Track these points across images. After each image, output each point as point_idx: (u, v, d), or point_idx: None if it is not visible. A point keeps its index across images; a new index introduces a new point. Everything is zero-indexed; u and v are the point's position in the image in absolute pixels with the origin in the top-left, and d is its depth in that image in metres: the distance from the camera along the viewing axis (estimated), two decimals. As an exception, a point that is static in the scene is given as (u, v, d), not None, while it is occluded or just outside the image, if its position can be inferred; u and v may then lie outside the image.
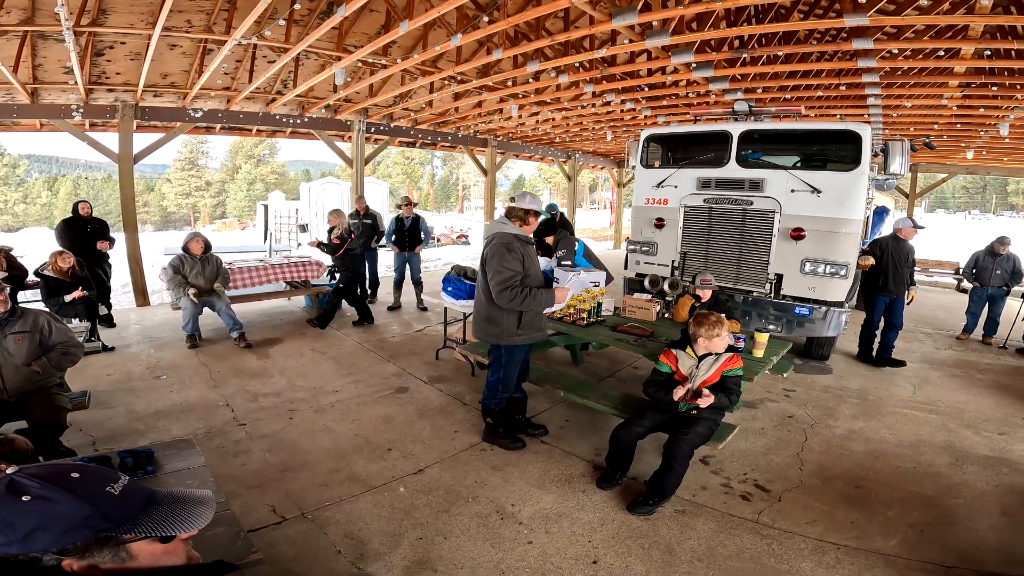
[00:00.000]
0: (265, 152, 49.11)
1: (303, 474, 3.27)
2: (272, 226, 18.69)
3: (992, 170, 13.26)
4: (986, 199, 56.54)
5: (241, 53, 7.04)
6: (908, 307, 5.86)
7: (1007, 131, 7.40)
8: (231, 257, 8.02)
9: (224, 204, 47.67)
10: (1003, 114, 6.95)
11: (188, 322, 5.63)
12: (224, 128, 9.99)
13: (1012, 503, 3.15)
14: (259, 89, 7.94)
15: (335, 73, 6.28)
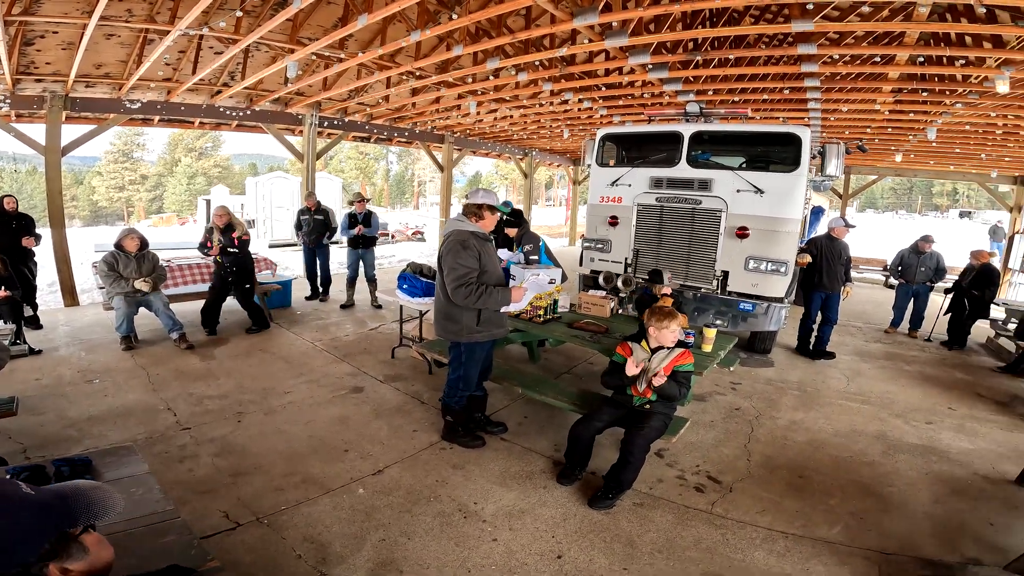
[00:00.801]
0: (208, 145, 46.80)
1: (256, 478, 3.16)
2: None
3: (919, 172, 14.25)
4: (912, 200, 60.67)
5: (185, 44, 6.68)
6: (842, 302, 6.23)
7: (934, 135, 7.94)
8: (169, 254, 7.62)
9: (161, 199, 45.14)
10: (932, 119, 7.44)
11: (122, 323, 5.29)
12: (164, 120, 9.45)
13: (942, 491, 3.35)
14: (204, 81, 7.56)
15: (287, 66, 6.06)
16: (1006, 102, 6.37)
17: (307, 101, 9.06)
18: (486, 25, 5.67)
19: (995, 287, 6.86)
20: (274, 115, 9.46)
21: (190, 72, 7.12)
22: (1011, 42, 4.57)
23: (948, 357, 6.54)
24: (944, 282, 7.55)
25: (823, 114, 7.86)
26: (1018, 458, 3.80)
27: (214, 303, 5.95)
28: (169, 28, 5.40)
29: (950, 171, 13.37)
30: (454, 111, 9.93)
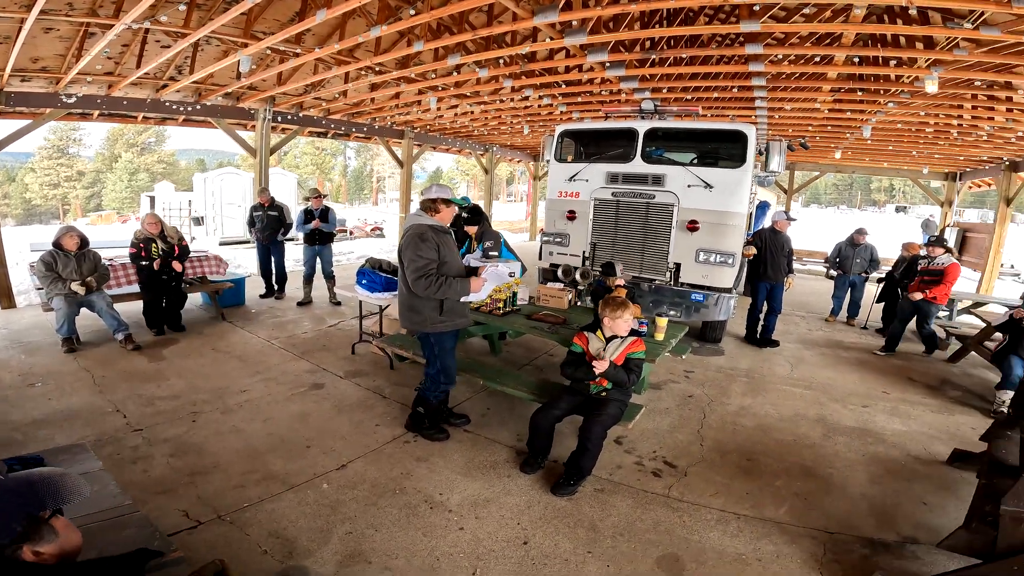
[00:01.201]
0: (151, 140, 44.58)
1: (215, 476, 3.11)
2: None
3: (857, 169, 15.07)
4: (853, 195, 64.01)
5: (130, 37, 6.36)
6: (787, 292, 6.56)
7: (869, 133, 8.44)
8: (112, 252, 7.28)
9: (100, 196, 42.74)
10: (867, 117, 7.89)
11: (63, 324, 5.04)
12: (104, 115, 8.98)
13: (878, 471, 3.54)
14: (148, 75, 7.23)
15: (240, 60, 5.85)
16: (936, 102, 6.81)
17: (260, 96, 8.78)
18: (448, 21, 5.65)
19: None
20: (225, 110, 9.13)
21: (134, 66, 6.79)
22: (941, 43, 4.84)
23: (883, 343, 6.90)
24: (878, 272, 8.03)
25: (769, 112, 8.20)
26: (949, 439, 4.04)
27: (155, 303, 5.73)
28: (113, 22, 5.16)
29: (884, 167, 14.21)
30: (414, 107, 9.83)
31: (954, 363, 6.16)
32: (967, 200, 34.14)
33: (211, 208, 16.56)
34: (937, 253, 6.23)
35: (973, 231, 12.13)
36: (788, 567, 2.54)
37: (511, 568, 2.46)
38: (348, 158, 57.08)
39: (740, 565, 2.54)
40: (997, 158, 10.62)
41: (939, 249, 6.24)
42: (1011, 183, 10.63)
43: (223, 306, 6.57)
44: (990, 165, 11.34)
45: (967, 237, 12.11)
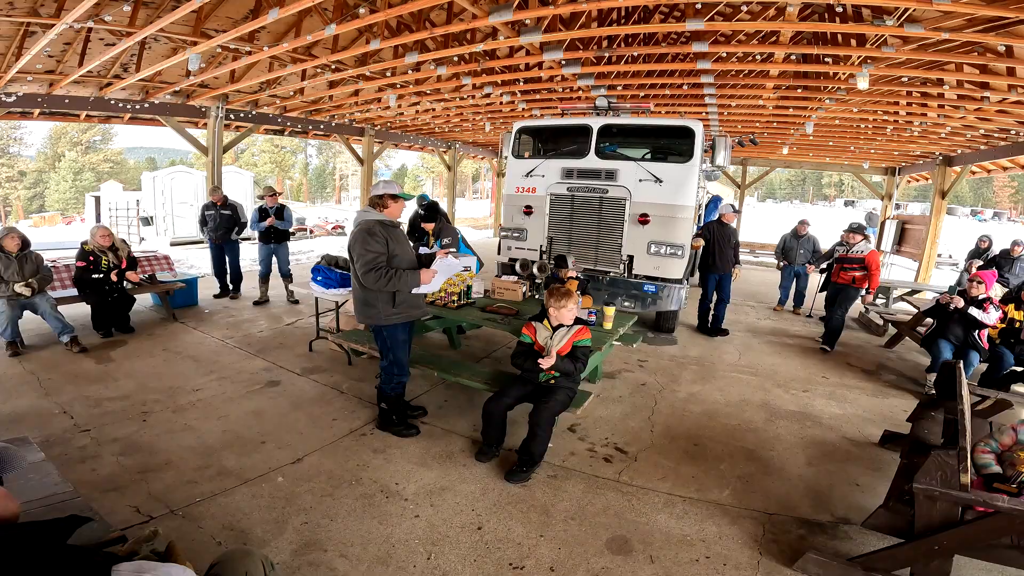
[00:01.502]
0: (96, 139, 42.57)
1: (167, 473, 3.08)
2: (107, 220, 16.47)
3: (803, 164, 15.74)
4: (805, 190, 66.51)
5: (72, 35, 6.16)
6: (737, 283, 6.83)
7: (812, 129, 8.82)
8: (55, 254, 7.01)
9: (43, 196, 40.58)
10: (809, 114, 8.26)
11: (6, 327, 4.84)
12: (45, 114, 8.61)
13: (814, 454, 3.68)
14: (92, 72, 6.98)
15: (189, 58, 5.72)
16: (873, 99, 7.19)
17: (212, 93, 8.57)
18: (408, 19, 5.66)
19: None
20: (174, 107, 8.88)
21: (76, 64, 6.56)
22: (871, 40, 5.07)
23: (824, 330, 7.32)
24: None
25: (719, 109, 8.50)
26: (882, 421, 4.23)
27: (101, 305, 5.55)
28: (54, 21, 5.01)
29: (827, 163, 14.88)
30: (374, 104, 9.76)
31: (890, 348, 6.53)
32: (911, 194, 36.07)
33: (161, 208, 15.98)
34: (855, 241, 6.25)
35: (911, 223, 12.82)
36: (729, 547, 2.65)
37: (465, 552, 2.52)
38: (309, 156, 55.86)
39: (685, 546, 2.65)
40: (930, 153, 11.27)
41: (857, 236, 6.27)
42: (945, 177, 11.30)
43: (175, 307, 6.41)
44: (925, 160, 12.03)
45: (906, 229, 12.79)
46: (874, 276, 6.11)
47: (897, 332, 6.47)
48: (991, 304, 4.83)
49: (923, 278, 11.31)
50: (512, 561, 2.48)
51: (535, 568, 2.44)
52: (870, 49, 5.03)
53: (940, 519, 2.28)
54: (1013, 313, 4.96)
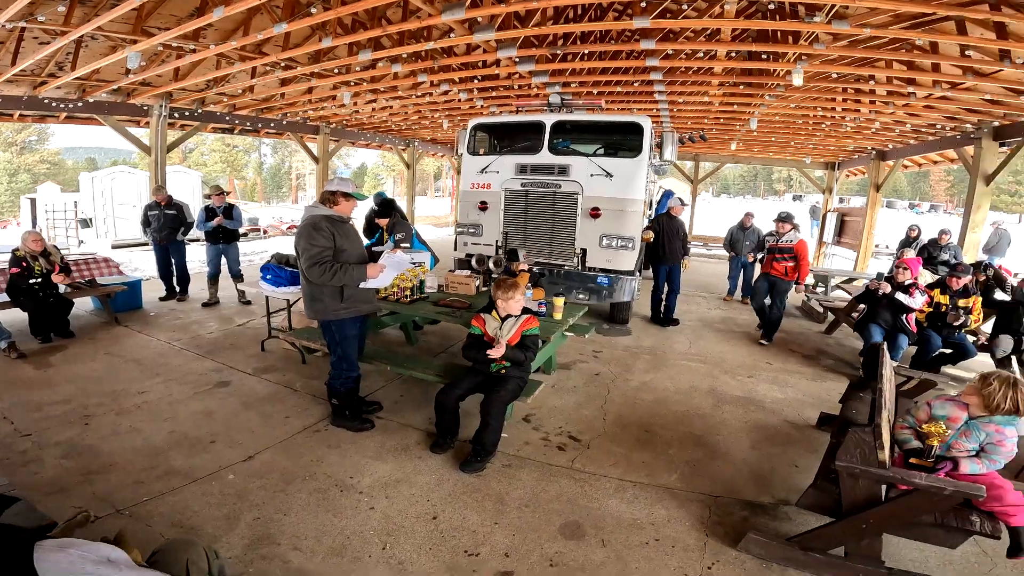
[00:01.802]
0: (32, 139, 40.08)
1: (112, 475, 3.00)
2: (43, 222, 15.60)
3: (751, 160, 16.35)
4: (757, 185, 69.01)
5: (5, 34, 5.85)
6: (688, 274, 7.06)
7: (756, 125, 9.18)
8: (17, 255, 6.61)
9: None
10: (753, 110, 8.58)
11: (-63, 335, 4.58)
12: (-25, 114, 8.11)
13: (758, 437, 3.82)
14: (25, 71, 6.62)
15: (128, 57, 5.51)
16: (811, 95, 7.54)
17: (155, 92, 8.25)
18: (363, 16, 5.60)
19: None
20: (113, 106, 8.51)
21: (8, 63, 6.24)
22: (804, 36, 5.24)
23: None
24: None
25: (669, 106, 8.74)
26: (819, 404, 4.40)
27: (38, 311, 5.30)
28: None
29: (772, 158, 15.52)
30: (328, 102, 9.58)
31: (829, 334, 6.89)
32: (853, 188, 37.94)
33: (101, 209, 15.21)
34: (784, 230, 6.21)
35: (850, 215, 13.56)
36: (678, 530, 2.74)
37: (421, 541, 2.56)
38: (264, 155, 54.08)
39: (635, 529, 2.73)
40: (864, 148, 11.92)
41: (786, 226, 6.22)
42: (879, 171, 12.00)
43: (118, 311, 6.15)
44: (860, 155, 12.71)
45: (845, 221, 13.52)
46: (803, 266, 6.07)
47: (835, 319, 6.84)
48: (916, 289, 5.15)
49: (861, 267, 11.97)
50: (467, 548, 2.53)
51: (490, 555, 2.50)
52: (804, 46, 5.24)
53: (864, 497, 2.34)
54: (939, 298, 5.27)
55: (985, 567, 2.56)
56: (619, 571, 2.44)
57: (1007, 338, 5.36)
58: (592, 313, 7.01)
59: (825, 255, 14.39)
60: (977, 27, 4.78)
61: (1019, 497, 2.36)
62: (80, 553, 1.19)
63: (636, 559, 2.52)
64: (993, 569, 2.55)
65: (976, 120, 7.68)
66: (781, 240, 6.20)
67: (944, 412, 2.57)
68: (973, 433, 2.47)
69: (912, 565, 2.50)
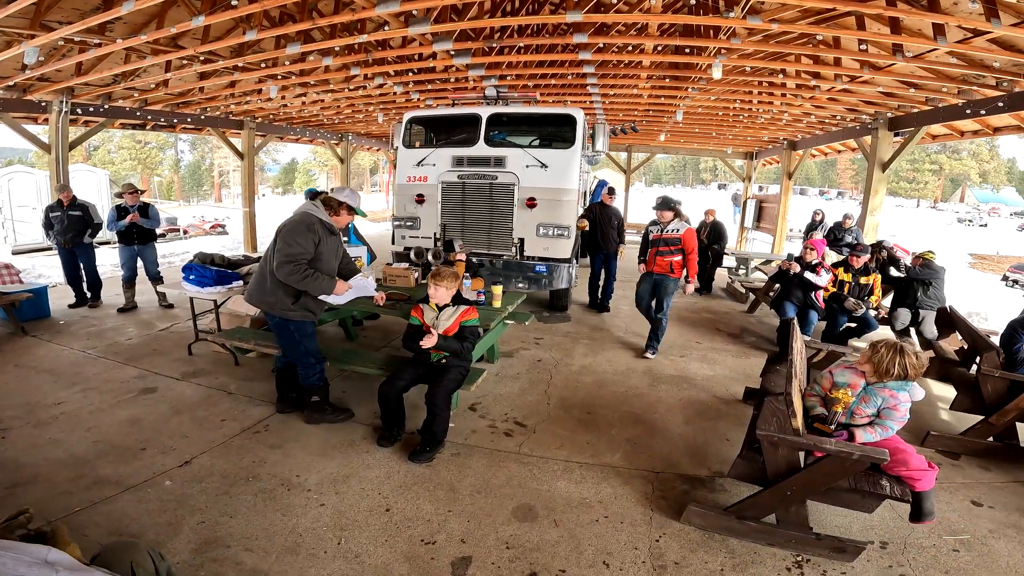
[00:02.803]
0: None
1: (37, 487, 2.83)
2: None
3: (680, 150, 17.13)
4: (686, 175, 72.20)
5: None
6: (623, 261, 7.28)
7: (681, 117, 9.60)
8: None
9: None
10: (678, 103, 8.96)
11: None
12: None
13: (691, 413, 4.00)
14: None
15: (26, 52, 5.04)
16: (731, 88, 7.94)
17: (54, 87, 7.54)
18: (292, 8, 5.37)
19: (722, 238, 8.63)
20: (8, 103, 7.73)
21: None
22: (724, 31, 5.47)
23: (699, 301, 8.09)
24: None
25: (602, 98, 8.98)
26: (745, 379, 4.62)
27: None
28: None
29: (698, 148, 16.34)
30: (253, 95, 9.10)
31: (751, 313, 7.39)
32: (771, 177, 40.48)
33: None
34: (666, 219, 5.20)
35: (767, 202, 14.52)
36: (624, 506, 2.85)
37: (375, 533, 2.56)
38: (181, 152, 50.51)
39: (584, 508, 2.82)
40: (777, 139, 12.79)
41: (668, 214, 5.20)
42: (791, 160, 12.91)
43: (23, 320, 5.61)
44: (775, 145, 13.62)
45: (763, 207, 14.47)
46: (691, 260, 5.11)
47: (755, 299, 7.33)
48: (822, 268, 5.62)
49: (777, 250, 12.89)
50: (423, 537, 2.56)
51: (447, 541, 2.53)
52: (723, 40, 5.50)
53: (785, 465, 2.44)
54: (843, 276, 5.73)
55: (904, 531, 2.72)
56: (573, 548, 2.53)
57: (904, 311, 5.89)
58: (533, 301, 7.15)
59: (746, 239, 15.34)
60: (874, 22, 5.21)
61: (922, 461, 2.52)
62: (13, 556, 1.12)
63: (588, 536, 2.62)
64: (912, 533, 2.71)
65: (873, 112, 8.37)
66: (665, 231, 5.15)
67: (844, 379, 2.74)
68: (871, 399, 2.62)
69: (838, 531, 2.63)
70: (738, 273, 9.31)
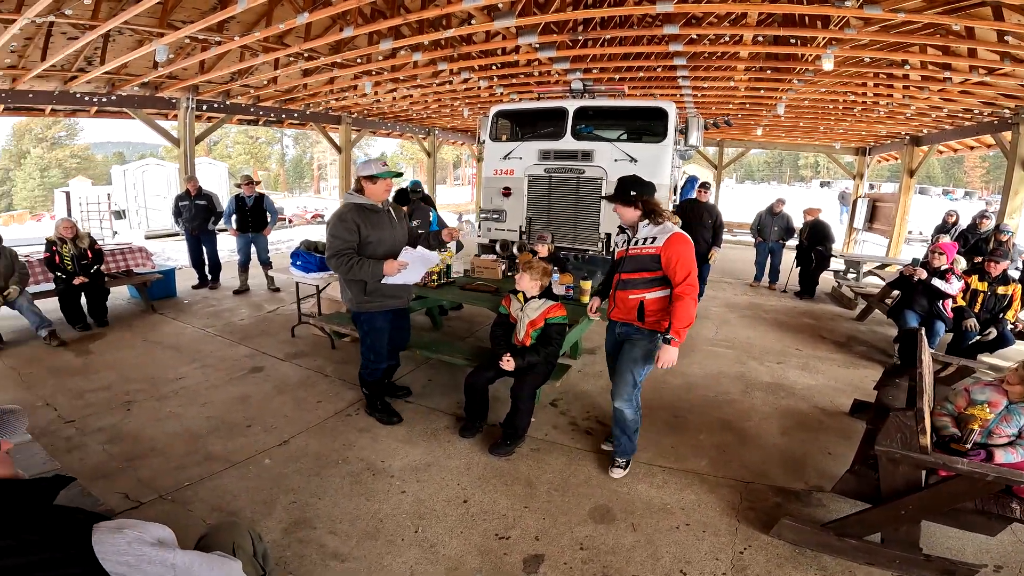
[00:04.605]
0: (61, 134, 41.18)
1: (154, 460, 3.09)
2: (78, 215, 16.11)
3: (777, 145, 15.98)
4: (783, 172, 67.37)
5: (33, 30, 6.01)
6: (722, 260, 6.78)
7: (783, 110, 8.97)
8: (27, 250, 6.86)
9: (10, 194, 39.32)
10: (780, 96, 8.39)
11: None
12: (10, 109, 8.37)
13: (788, 424, 3.76)
14: (55, 66, 6.80)
15: (156, 50, 5.62)
16: (841, 80, 7.33)
17: (182, 84, 8.40)
18: (382, 5, 5.60)
19: (827, 239, 7.94)
20: (142, 99, 8.69)
21: (39, 59, 6.41)
22: (835, 20, 5.12)
23: (799, 305, 7.51)
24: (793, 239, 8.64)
25: (693, 91, 8.59)
26: (852, 391, 4.29)
27: (71, 299, 5.48)
28: (15, 16, 4.90)
29: (800, 144, 15.13)
30: (350, 91, 9.65)
31: (861, 321, 6.73)
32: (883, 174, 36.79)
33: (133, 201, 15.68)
34: (629, 218, 3.26)
35: (882, 201, 13.18)
36: (708, 514, 2.72)
37: (452, 525, 2.59)
38: (286, 147, 54.80)
39: (665, 513, 2.72)
40: (897, 133, 11.54)
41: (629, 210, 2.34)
42: (913, 156, 11.61)
43: (153, 299, 6.34)
44: (893, 140, 12.31)
45: (877, 207, 13.16)
46: (680, 297, 2.75)
47: (867, 305, 6.68)
48: (953, 275, 5.01)
49: (893, 253, 11.66)
50: (498, 532, 2.55)
51: (520, 537, 2.52)
52: (834, 31, 5.09)
53: (903, 483, 2.30)
54: (977, 285, 5.12)
55: (1022, 555, 2.50)
56: (650, 555, 2.44)
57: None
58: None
59: (856, 241, 14.04)
60: (1014, 12, 4.60)
61: (1060, 485, 2.26)
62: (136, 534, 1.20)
63: (667, 543, 2.51)
64: (1031, 558, 2.47)
65: (1013, 105, 7.40)
66: (634, 243, 2.94)
67: (984, 397, 2.55)
68: (1014, 418, 2.44)
69: (949, 553, 2.45)
70: (847, 277, 8.53)
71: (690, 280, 2.72)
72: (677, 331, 2.72)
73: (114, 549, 1.14)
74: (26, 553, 1.05)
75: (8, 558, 1.03)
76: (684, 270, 2.73)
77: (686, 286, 2.71)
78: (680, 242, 2.77)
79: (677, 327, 2.71)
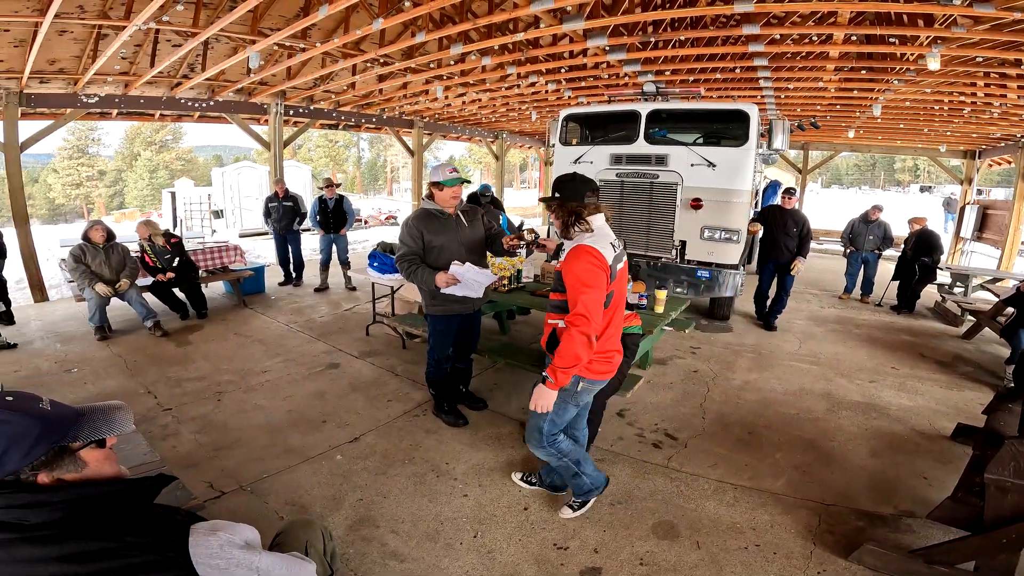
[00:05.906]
0: (168, 138, 45.33)
1: (238, 451, 3.30)
2: (182, 214, 17.63)
3: (872, 148, 14.78)
4: (875, 176, 62.28)
5: (142, 37, 6.61)
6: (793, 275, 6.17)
7: (879, 112, 8.27)
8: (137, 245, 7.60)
9: (122, 194, 43.73)
10: (876, 96, 7.76)
11: (95, 313, 5.31)
12: (122, 113, 9.29)
13: (879, 445, 3.53)
14: (162, 73, 7.49)
15: (249, 56, 6.04)
16: (947, 80, 6.66)
17: (271, 90, 9.00)
18: (451, 11, 5.73)
19: (935, 250, 7.23)
20: (238, 105, 9.37)
21: (148, 65, 7.05)
22: (939, 19, 4.71)
23: (897, 320, 6.90)
24: (895, 249, 7.95)
25: (775, 92, 8.11)
26: (955, 414, 3.98)
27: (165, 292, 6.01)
28: (124, 23, 5.37)
29: (899, 146, 13.90)
30: (422, 96, 9.94)
31: (968, 339, 6.10)
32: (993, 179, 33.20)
33: (230, 201, 16.96)
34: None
35: (993, 208, 11.85)
36: (781, 536, 2.59)
37: (511, 531, 2.58)
38: (361, 150, 57.47)
39: (734, 533, 2.61)
40: (1012, 135, 10.35)
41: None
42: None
43: (244, 294, 6.85)
44: (1007, 142, 11.05)
45: (987, 215, 11.85)
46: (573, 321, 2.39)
47: (976, 322, 6.05)
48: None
49: (1005, 266, 10.46)
50: (556, 542, 2.52)
51: (579, 549, 2.47)
52: (939, 29, 4.66)
53: (1011, 511, 2.16)
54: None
55: None
56: (713, 574, 2.33)
57: None
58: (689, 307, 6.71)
59: (963, 252, 12.73)
60: None
61: None
62: (228, 537, 1.20)
63: (732, 563, 2.39)
64: None
65: None
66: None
67: None
68: None
69: None
70: (953, 291, 7.74)
71: (581, 308, 2.15)
72: (553, 370, 2.21)
73: (207, 552, 1.15)
74: (127, 556, 1.05)
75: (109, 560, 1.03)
76: (575, 292, 2.20)
77: (575, 315, 2.16)
78: (574, 257, 2.23)
79: (555, 364, 2.20)
